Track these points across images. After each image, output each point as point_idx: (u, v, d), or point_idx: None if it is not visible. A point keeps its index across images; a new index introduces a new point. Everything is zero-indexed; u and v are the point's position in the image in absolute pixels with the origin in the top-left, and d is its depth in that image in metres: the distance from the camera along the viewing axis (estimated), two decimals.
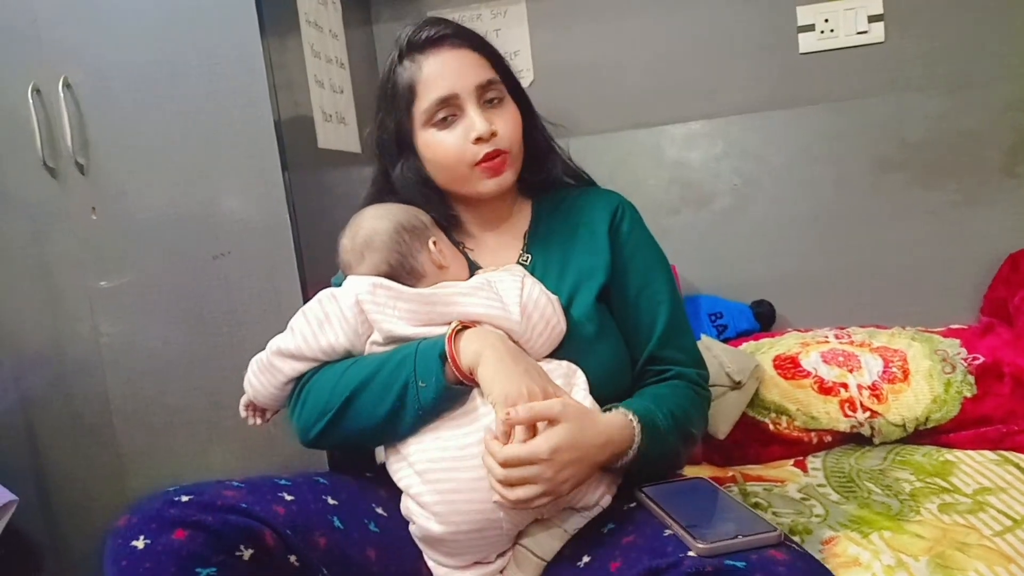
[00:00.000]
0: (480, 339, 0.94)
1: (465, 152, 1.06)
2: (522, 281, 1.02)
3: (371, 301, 0.99)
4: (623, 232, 1.12)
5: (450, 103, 1.05)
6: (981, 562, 1.06)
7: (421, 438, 0.94)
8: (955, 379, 1.51)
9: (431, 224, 1.09)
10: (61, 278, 1.55)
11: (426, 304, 0.99)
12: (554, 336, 1.01)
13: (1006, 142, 1.85)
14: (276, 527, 0.86)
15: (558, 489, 0.86)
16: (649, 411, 0.96)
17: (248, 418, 1.12)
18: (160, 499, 0.85)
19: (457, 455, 0.91)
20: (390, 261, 1.04)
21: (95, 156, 1.51)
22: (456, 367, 0.92)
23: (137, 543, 0.80)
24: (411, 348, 0.96)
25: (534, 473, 0.84)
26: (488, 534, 0.92)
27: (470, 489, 0.90)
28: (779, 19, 1.92)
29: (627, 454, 0.92)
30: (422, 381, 0.92)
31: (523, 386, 0.89)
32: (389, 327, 0.98)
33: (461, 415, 0.94)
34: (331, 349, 1.00)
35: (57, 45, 1.49)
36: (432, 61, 1.06)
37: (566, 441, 0.85)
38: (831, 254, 1.95)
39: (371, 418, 0.96)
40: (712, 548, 0.77)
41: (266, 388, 1.05)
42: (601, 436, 0.89)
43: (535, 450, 0.84)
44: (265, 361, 1.04)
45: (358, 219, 1.09)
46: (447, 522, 0.90)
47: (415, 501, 0.93)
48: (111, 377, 1.56)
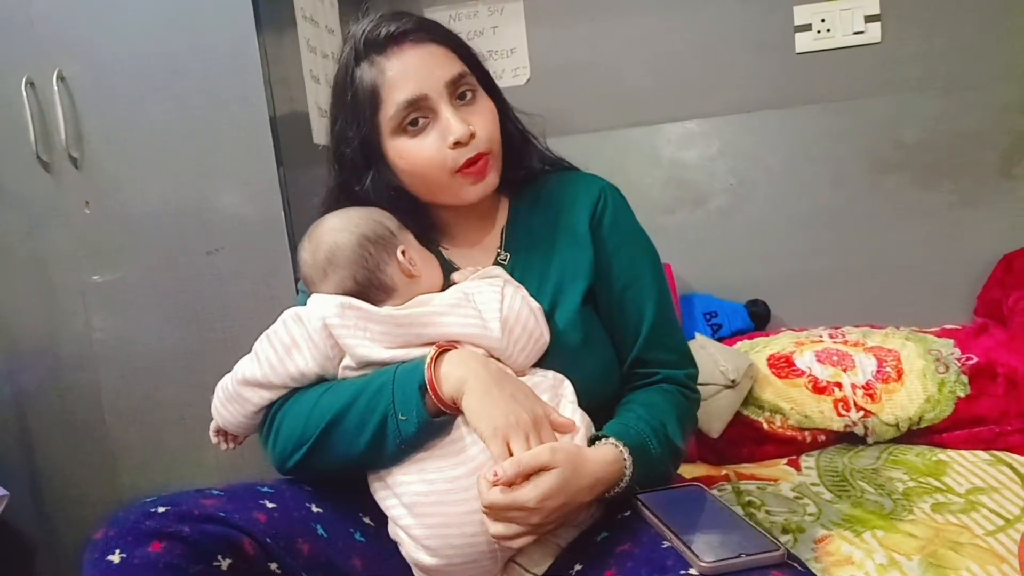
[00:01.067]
0: (462, 366, 0.88)
1: (444, 159, 0.97)
2: (502, 291, 0.96)
3: (340, 325, 0.92)
4: (605, 225, 1.06)
5: (420, 105, 0.97)
6: (973, 561, 1.06)
7: (406, 468, 0.90)
8: (949, 379, 1.51)
9: (398, 229, 1.01)
10: (54, 273, 1.55)
11: (400, 326, 0.93)
12: (537, 349, 0.97)
13: (1002, 143, 1.85)
14: (255, 535, 0.84)
15: (543, 531, 0.84)
16: (641, 437, 0.92)
17: (220, 444, 1.06)
18: (136, 511, 0.82)
19: (446, 488, 0.87)
20: (356, 278, 0.97)
21: (89, 150, 1.50)
22: (438, 399, 0.87)
23: (113, 557, 0.78)
24: (388, 376, 0.90)
25: (520, 517, 0.81)
26: (483, 564, 0.89)
27: (461, 523, 0.86)
28: (776, 19, 1.92)
29: (617, 487, 0.89)
30: (402, 414, 0.87)
31: (511, 415, 0.85)
32: (362, 352, 0.92)
33: (448, 445, 0.89)
34: (300, 375, 0.94)
35: (51, 38, 1.48)
36: (394, 61, 0.97)
37: (555, 488, 0.81)
38: (826, 254, 1.95)
39: (350, 450, 0.91)
40: (715, 567, 0.74)
41: (235, 417, 0.99)
42: (590, 477, 0.85)
43: (522, 499, 0.80)
44: (232, 391, 0.97)
45: (317, 231, 1.00)
46: (439, 556, 0.87)
47: (405, 532, 0.90)
48: (104, 372, 1.55)
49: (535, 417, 0.87)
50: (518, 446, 0.83)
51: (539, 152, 1.12)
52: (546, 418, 0.89)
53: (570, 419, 0.92)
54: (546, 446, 0.84)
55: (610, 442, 0.90)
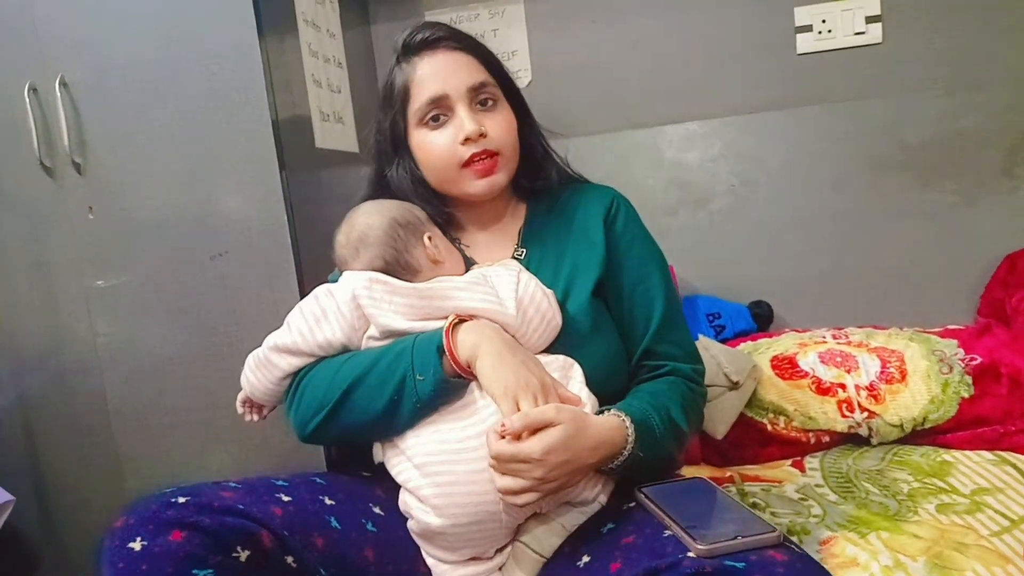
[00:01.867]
0: (477, 332, 0.95)
1: (454, 152, 1.06)
2: (517, 276, 1.03)
3: (367, 296, 0.99)
4: (618, 226, 1.13)
5: (441, 103, 1.07)
6: (979, 562, 1.06)
7: (419, 432, 0.95)
8: (952, 380, 1.51)
9: (426, 219, 1.10)
10: (58, 278, 1.55)
11: (422, 298, 1.00)
12: (550, 330, 1.02)
13: (1004, 143, 1.85)
14: (273, 528, 0.87)
15: (547, 487, 0.87)
16: (645, 413, 0.96)
17: (245, 414, 1.12)
18: (157, 500, 0.84)
19: (456, 448, 0.92)
20: (385, 256, 1.04)
21: (92, 155, 1.51)
22: (454, 360, 0.93)
23: (134, 545, 0.80)
24: (408, 342, 0.96)
25: (525, 470, 0.85)
26: (487, 527, 0.92)
27: (469, 482, 0.90)
28: (777, 20, 1.92)
29: (620, 456, 0.92)
30: (420, 374, 0.93)
31: (521, 378, 0.90)
32: (385, 321, 0.98)
33: (459, 408, 0.94)
34: (328, 344, 1.01)
35: (54, 43, 1.48)
36: (426, 63, 1.08)
37: (559, 443, 0.85)
38: (829, 255, 1.95)
39: (368, 412, 0.96)
40: (711, 549, 0.77)
41: (263, 384, 1.05)
42: (594, 439, 0.89)
43: (527, 450, 0.85)
44: (262, 357, 1.04)
45: (353, 215, 1.09)
46: (446, 515, 0.91)
47: (414, 495, 0.93)
48: (108, 377, 1.55)
49: (543, 382, 0.92)
50: (527, 405, 0.89)
51: (558, 167, 1.20)
52: (553, 387, 0.94)
53: (576, 395, 0.96)
54: (552, 404, 0.89)
55: (613, 412, 0.95)
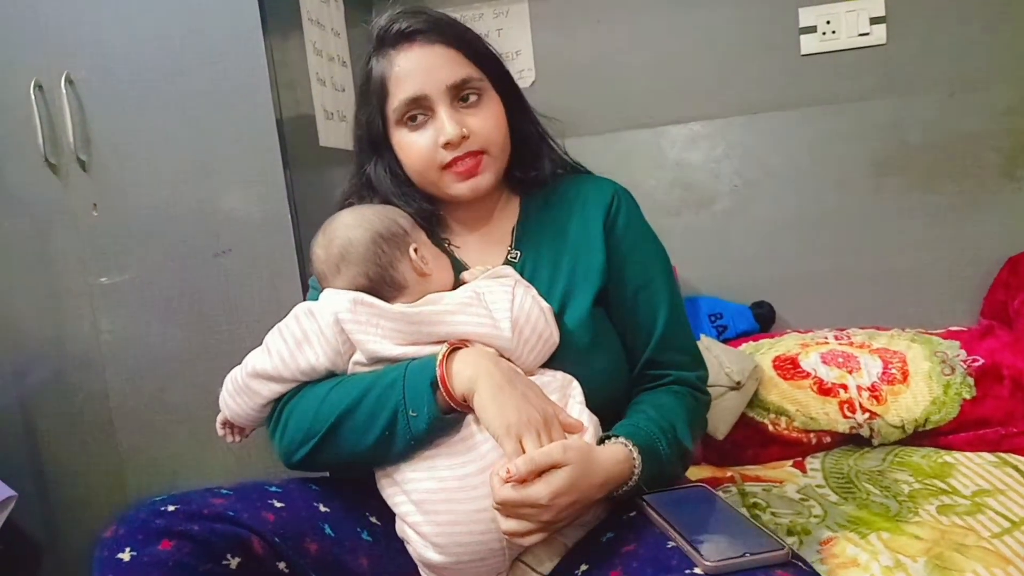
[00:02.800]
0: (473, 364, 0.89)
1: (435, 155, 1.01)
2: (512, 291, 0.97)
3: (352, 320, 0.93)
4: (619, 227, 1.07)
5: (420, 103, 1.00)
6: (979, 563, 1.06)
7: (415, 466, 0.90)
8: (954, 381, 1.51)
9: (411, 227, 1.03)
10: (62, 274, 1.55)
11: (411, 324, 0.93)
12: (546, 349, 0.97)
13: (1006, 145, 1.85)
14: (264, 534, 0.85)
15: (553, 528, 0.85)
16: (651, 438, 0.92)
17: (226, 436, 1.07)
18: (146, 509, 0.83)
19: (455, 486, 0.87)
20: (368, 274, 0.97)
21: (97, 153, 1.51)
22: (449, 395, 0.88)
23: (123, 555, 0.79)
24: (399, 372, 0.90)
25: (531, 514, 0.82)
26: (489, 562, 0.89)
27: (470, 521, 0.86)
28: (781, 20, 1.92)
29: (626, 486, 0.89)
30: (412, 410, 0.88)
31: (524, 414, 0.86)
32: (373, 348, 0.93)
33: (457, 442, 0.89)
34: (311, 370, 0.95)
35: (60, 41, 1.49)
36: (403, 58, 1.00)
37: (567, 485, 0.82)
38: (831, 256, 1.95)
39: (359, 445, 0.91)
40: (719, 566, 0.74)
41: (243, 410, 0.99)
42: (601, 476, 0.86)
43: (535, 496, 0.81)
44: (241, 383, 0.98)
45: (332, 226, 1.01)
46: (447, 553, 0.87)
47: (413, 530, 0.90)
48: (111, 374, 1.56)
49: (545, 416, 0.88)
50: (531, 444, 0.84)
51: (555, 154, 1.13)
52: (556, 417, 0.89)
53: (578, 420, 0.92)
54: (558, 443, 0.84)
55: (620, 441, 0.90)
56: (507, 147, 1.06)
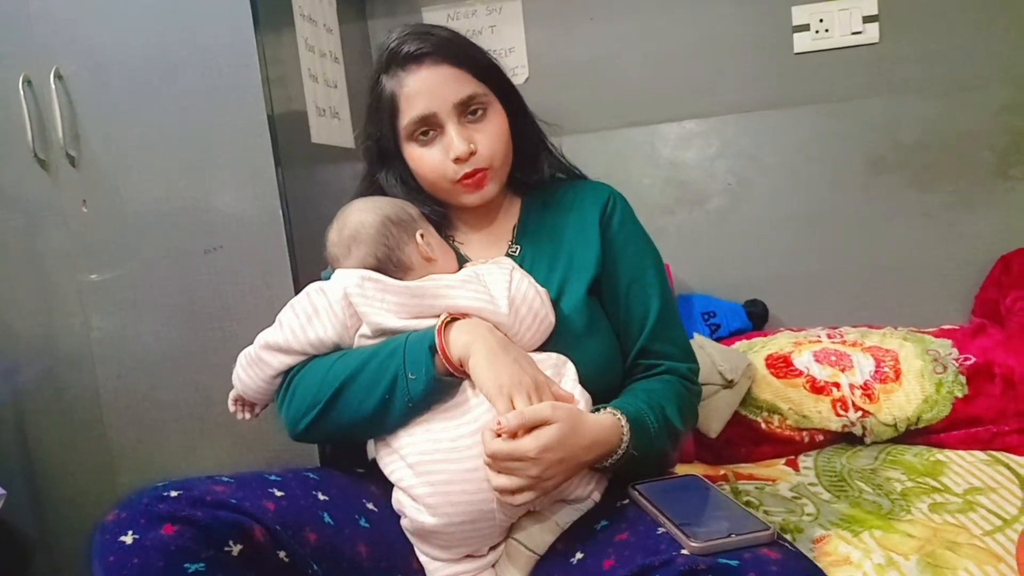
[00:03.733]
0: (470, 330, 0.94)
1: (445, 170, 1.06)
2: (510, 274, 1.02)
3: (359, 294, 0.99)
4: (614, 225, 1.12)
5: (429, 121, 1.06)
6: (971, 561, 1.07)
7: (412, 431, 0.94)
8: (946, 379, 1.51)
9: (419, 217, 1.10)
10: (52, 271, 1.54)
11: (414, 297, 0.99)
12: (542, 329, 1.01)
13: (1000, 144, 1.85)
14: (265, 523, 0.86)
15: (543, 486, 0.87)
16: (640, 412, 0.96)
17: (237, 413, 1.12)
18: (149, 494, 0.84)
19: (449, 447, 0.91)
20: (377, 254, 1.04)
21: (86, 149, 1.50)
22: (446, 359, 0.92)
23: (125, 538, 0.80)
24: (400, 340, 0.96)
25: (520, 468, 0.85)
26: (480, 526, 0.92)
27: (463, 480, 0.90)
28: (774, 19, 1.92)
29: (615, 454, 0.92)
30: (412, 373, 0.92)
31: (515, 376, 0.90)
32: (377, 320, 0.98)
33: (452, 407, 0.94)
34: (319, 342, 1.00)
35: (49, 36, 1.48)
36: (412, 78, 1.06)
37: (554, 441, 0.85)
38: (824, 254, 1.96)
39: (360, 410, 0.95)
40: (705, 547, 0.77)
41: (254, 382, 1.04)
42: (589, 437, 0.89)
43: (523, 449, 0.84)
44: (253, 355, 1.04)
45: (345, 212, 1.09)
46: (440, 514, 0.90)
47: (407, 494, 0.93)
48: (102, 371, 1.55)
49: (537, 381, 0.92)
50: (521, 403, 0.88)
51: (553, 158, 1.19)
52: (547, 385, 0.93)
53: (570, 392, 0.96)
54: (547, 403, 0.89)
55: (608, 411, 0.94)
56: (510, 156, 1.12)
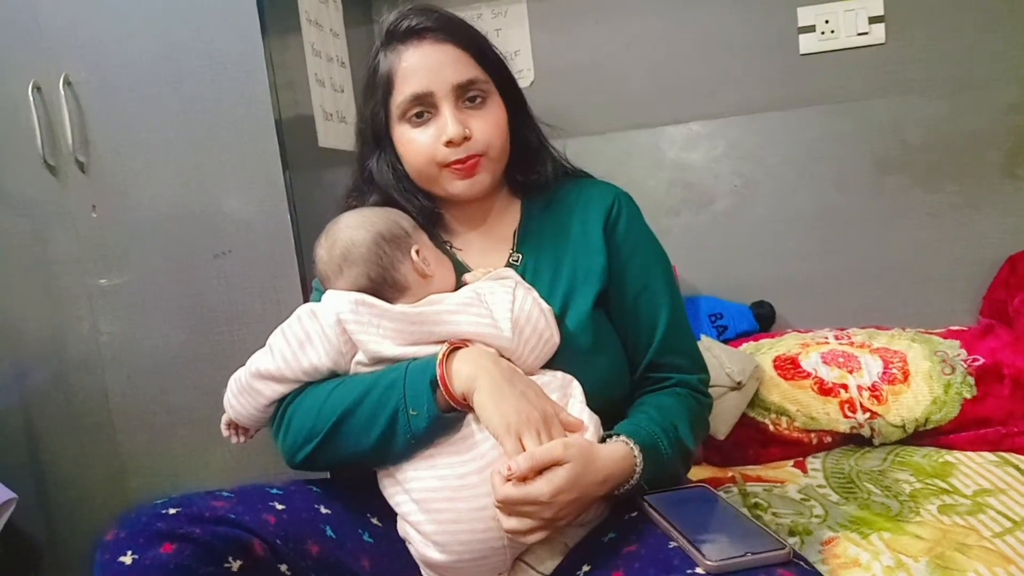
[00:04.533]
0: (473, 363, 0.90)
1: (436, 153, 1.01)
2: (513, 292, 0.97)
3: (354, 320, 0.94)
4: (620, 231, 1.08)
5: (425, 101, 1.01)
6: (981, 563, 1.06)
7: (416, 465, 0.91)
8: (955, 380, 1.51)
9: (413, 229, 1.04)
10: (61, 277, 1.55)
11: (412, 324, 0.94)
12: (547, 350, 0.98)
13: (1006, 144, 1.85)
14: (265, 536, 0.85)
15: (555, 526, 0.85)
16: (652, 437, 0.93)
17: (231, 437, 1.07)
18: (148, 512, 0.83)
19: (456, 485, 0.88)
20: (370, 275, 0.98)
21: (95, 154, 1.51)
22: (449, 395, 0.88)
23: (124, 559, 0.79)
24: (400, 371, 0.91)
25: (533, 512, 0.82)
26: (490, 560, 0.89)
27: (471, 519, 0.87)
28: (780, 20, 1.92)
29: (627, 483, 0.90)
30: (413, 409, 0.88)
31: (523, 412, 0.86)
32: (375, 348, 0.93)
33: (458, 441, 0.90)
34: (314, 370, 0.96)
35: (58, 42, 1.49)
36: (411, 54, 1.01)
37: (568, 483, 0.82)
38: (831, 255, 1.95)
39: (360, 444, 0.92)
40: (720, 566, 0.75)
41: (247, 410, 1.00)
42: (602, 472, 0.86)
43: (536, 493, 0.81)
44: (244, 383, 0.99)
45: (334, 228, 1.03)
46: (448, 552, 0.88)
47: (414, 528, 0.91)
48: (111, 376, 1.55)
49: (545, 415, 0.88)
50: (530, 442, 0.85)
51: (555, 160, 1.14)
52: (556, 416, 0.90)
53: (578, 419, 0.92)
54: (558, 441, 0.85)
55: (621, 439, 0.91)
56: (506, 151, 1.07)
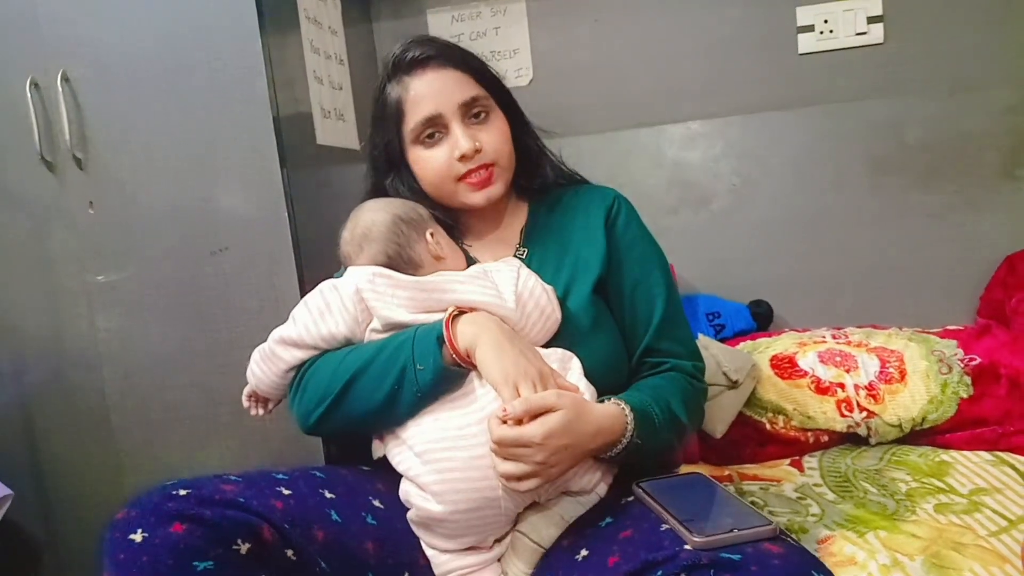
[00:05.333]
0: (477, 322, 0.97)
1: (451, 169, 1.09)
2: (517, 271, 1.04)
3: (371, 290, 1.01)
4: (619, 225, 1.14)
5: (435, 122, 1.09)
6: (976, 562, 1.06)
7: (420, 421, 0.96)
8: (952, 380, 1.51)
9: (428, 217, 1.12)
10: (59, 273, 1.55)
11: (423, 291, 1.02)
12: (549, 325, 1.03)
13: (1004, 145, 1.85)
14: (274, 521, 0.87)
15: (548, 472, 0.88)
16: (644, 404, 0.98)
17: (251, 408, 1.14)
18: (158, 493, 0.85)
19: (456, 434, 0.93)
20: (388, 252, 1.07)
21: (93, 151, 1.51)
22: (453, 349, 0.95)
23: (135, 536, 0.81)
24: (409, 333, 0.99)
25: (526, 454, 0.87)
26: (486, 514, 0.93)
27: (468, 467, 0.92)
28: (779, 20, 1.92)
29: (620, 443, 0.94)
30: (420, 364, 0.95)
31: (520, 366, 0.92)
32: (388, 314, 1.01)
33: (460, 397, 0.96)
34: (331, 337, 1.03)
35: (56, 38, 1.48)
36: (418, 82, 1.10)
37: (559, 427, 0.87)
38: (829, 255, 1.95)
39: (370, 401, 0.98)
40: (708, 541, 0.78)
41: (268, 376, 1.07)
42: (594, 424, 0.91)
43: (529, 434, 0.86)
44: (267, 350, 1.06)
45: (357, 212, 1.12)
46: (445, 501, 0.92)
47: (414, 483, 0.95)
48: (109, 372, 1.55)
49: (542, 371, 0.94)
50: (526, 391, 0.90)
51: (554, 165, 1.22)
52: (552, 375, 0.95)
53: (575, 384, 0.98)
54: (552, 391, 0.91)
55: (613, 401, 0.96)
56: (514, 158, 1.15)
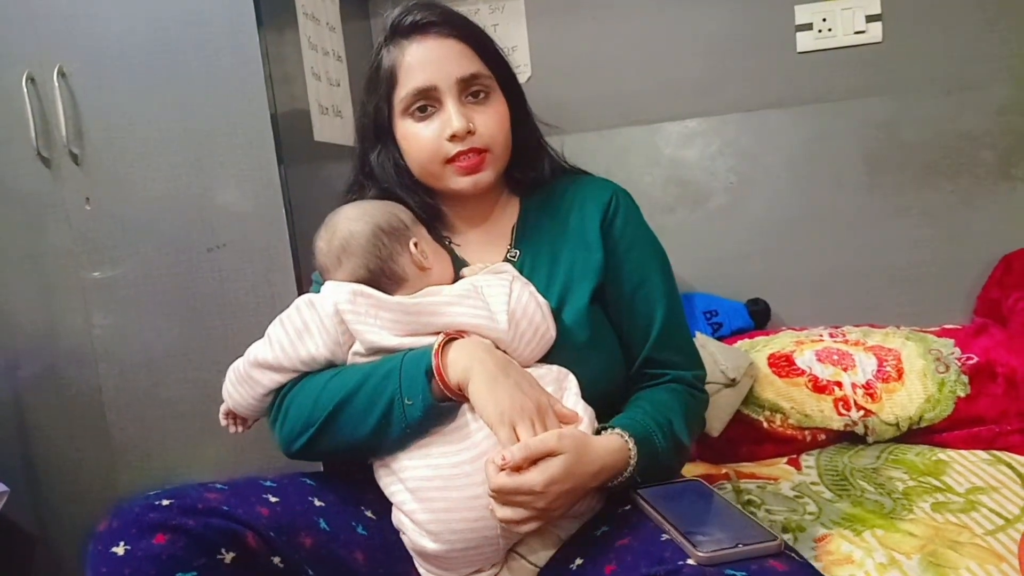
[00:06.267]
0: (468, 354, 0.90)
1: (439, 148, 1.01)
2: (510, 285, 0.98)
3: (351, 311, 0.94)
4: (617, 227, 1.08)
5: (428, 95, 1.01)
6: (973, 560, 1.06)
7: (411, 454, 0.91)
8: (949, 379, 1.51)
9: (412, 222, 1.04)
10: (54, 269, 1.54)
11: (409, 314, 0.95)
12: (543, 344, 0.98)
13: (1002, 144, 1.85)
14: (259, 529, 0.85)
15: (548, 516, 0.85)
16: (647, 431, 0.93)
17: (229, 426, 1.08)
18: (140, 503, 0.83)
19: (450, 473, 0.89)
20: (369, 266, 0.99)
21: (89, 146, 1.50)
22: (444, 384, 0.89)
23: (117, 549, 0.79)
24: (396, 361, 0.92)
25: (527, 501, 0.83)
26: (483, 550, 0.90)
27: (465, 508, 0.88)
28: (777, 18, 1.92)
29: (621, 476, 0.90)
30: (408, 398, 0.89)
31: (517, 402, 0.87)
32: (372, 338, 0.94)
33: (452, 431, 0.91)
34: (311, 360, 0.96)
35: (52, 34, 1.48)
36: (415, 48, 1.01)
37: (561, 473, 0.83)
38: (826, 253, 1.95)
39: (356, 433, 0.92)
40: (711, 556, 0.75)
41: (244, 399, 1.01)
42: (596, 464, 0.87)
43: (530, 483, 0.82)
44: (243, 372, 1.00)
45: (334, 219, 1.03)
46: (442, 541, 0.88)
47: (408, 518, 0.91)
48: (104, 369, 1.55)
49: (540, 405, 0.89)
50: (525, 432, 0.85)
51: (553, 161, 1.15)
52: (550, 407, 0.90)
53: (573, 410, 0.93)
54: (552, 432, 0.85)
55: (616, 432, 0.91)
56: (509, 147, 1.07)
